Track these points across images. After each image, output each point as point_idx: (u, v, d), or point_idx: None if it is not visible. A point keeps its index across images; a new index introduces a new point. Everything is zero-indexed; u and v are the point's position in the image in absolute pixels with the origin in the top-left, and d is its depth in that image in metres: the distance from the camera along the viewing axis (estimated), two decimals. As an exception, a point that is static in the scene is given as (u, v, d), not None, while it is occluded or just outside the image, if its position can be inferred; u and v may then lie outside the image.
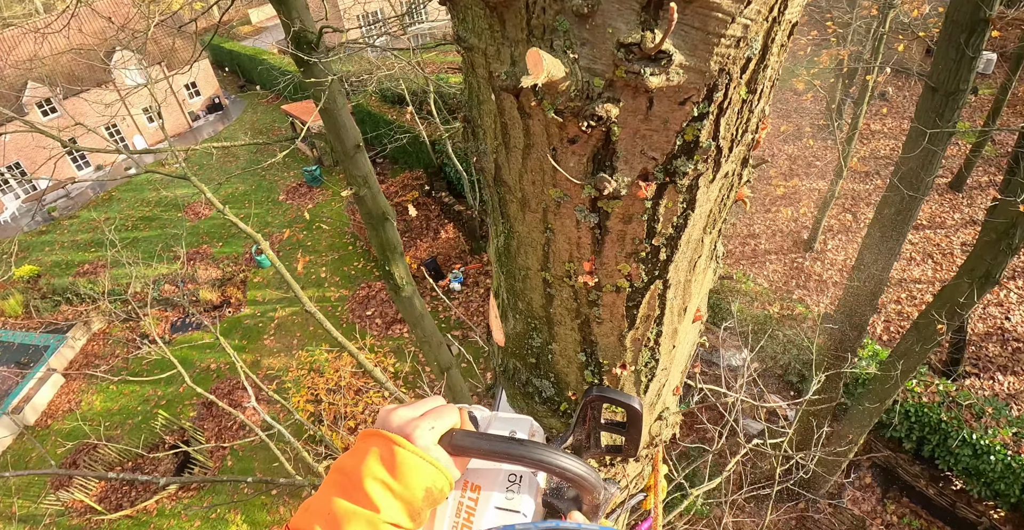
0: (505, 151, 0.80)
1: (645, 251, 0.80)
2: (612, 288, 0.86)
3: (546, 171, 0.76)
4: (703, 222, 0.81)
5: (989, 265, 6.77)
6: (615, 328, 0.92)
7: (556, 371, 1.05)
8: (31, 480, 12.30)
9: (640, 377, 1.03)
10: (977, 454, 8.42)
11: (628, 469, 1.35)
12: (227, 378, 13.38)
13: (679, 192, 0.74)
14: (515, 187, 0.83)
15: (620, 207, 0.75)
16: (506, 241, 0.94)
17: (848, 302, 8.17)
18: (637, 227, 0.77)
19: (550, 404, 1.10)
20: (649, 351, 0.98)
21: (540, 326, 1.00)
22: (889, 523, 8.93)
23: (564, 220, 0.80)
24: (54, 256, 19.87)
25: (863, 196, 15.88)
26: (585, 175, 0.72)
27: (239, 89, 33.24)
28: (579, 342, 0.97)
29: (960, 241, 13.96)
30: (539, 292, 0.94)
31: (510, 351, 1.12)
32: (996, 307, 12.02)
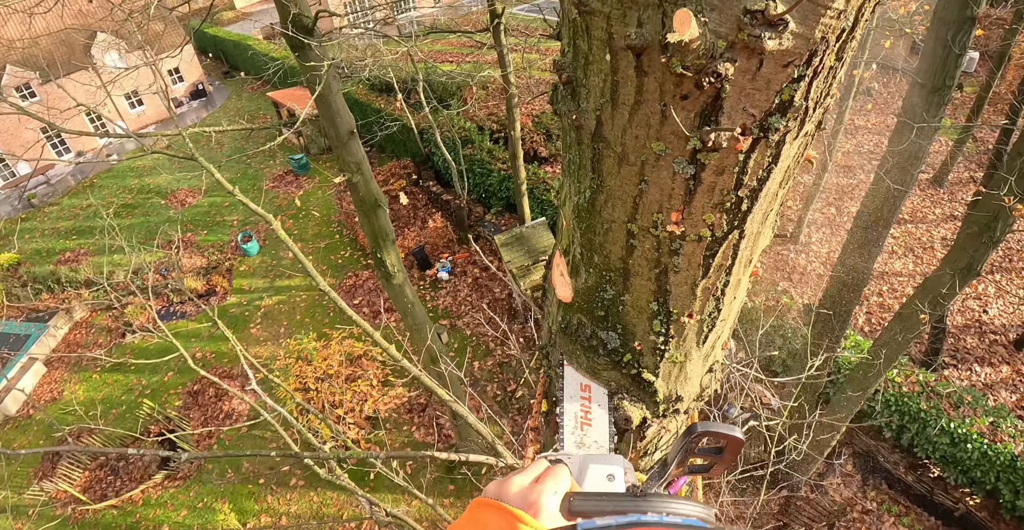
0: (611, 108, 0.87)
1: (730, 202, 0.88)
2: (695, 237, 0.94)
3: (652, 126, 0.84)
4: (781, 176, 0.89)
5: (971, 257, 6.98)
6: (690, 277, 1.01)
7: (624, 322, 1.13)
8: (15, 471, 12.14)
9: (703, 327, 1.11)
10: (955, 442, 8.70)
11: (671, 425, 1.44)
12: (214, 367, 13.30)
13: (769, 147, 0.82)
14: (615, 142, 0.90)
15: (716, 159, 0.83)
16: (592, 196, 1.01)
17: (832, 294, 8.37)
18: (728, 179, 0.85)
19: (613, 356, 1.18)
20: (715, 301, 1.07)
21: (615, 278, 1.07)
22: (869, 510, 9.20)
23: (661, 172, 0.88)
24: (35, 244, 19.50)
25: (847, 190, 16.19)
26: (692, 128, 0.80)
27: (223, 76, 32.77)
28: (653, 292, 1.05)
29: (940, 236, 14.31)
30: (620, 244, 1.02)
31: (576, 306, 1.20)
32: (975, 300, 12.37)
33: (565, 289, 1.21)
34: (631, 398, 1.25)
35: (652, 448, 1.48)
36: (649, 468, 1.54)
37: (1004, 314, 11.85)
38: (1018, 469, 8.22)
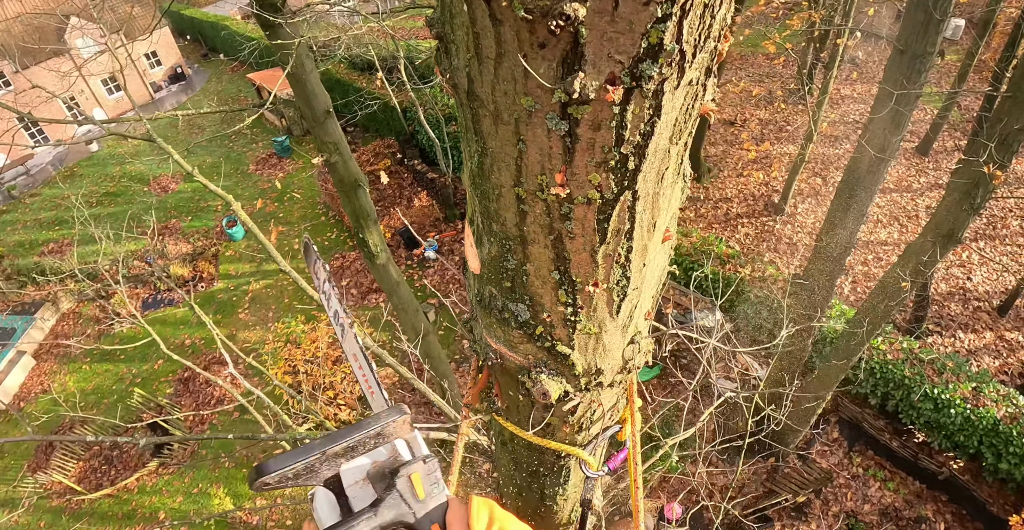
0: (478, 63, 0.81)
1: (614, 160, 0.82)
2: (583, 200, 0.88)
3: (517, 80, 0.77)
4: (669, 131, 0.83)
5: (953, 224, 6.98)
6: (587, 243, 0.95)
7: (531, 293, 1.07)
8: (7, 464, 12.17)
9: (612, 296, 1.06)
10: (938, 408, 8.80)
11: (602, 398, 1.40)
12: (203, 353, 13.28)
13: (645, 97, 0.76)
14: (488, 100, 0.84)
15: (589, 113, 0.77)
16: (480, 160, 0.95)
17: (817, 263, 8.37)
18: (606, 134, 0.79)
19: (525, 328, 1.13)
20: (620, 268, 1.01)
21: (514, 246, 1.02)
22: (855, 475, 9.34)
23: (536, 129, 0.82)
24: (16, 236, 19.28)
25: (832, 160, 16.14)
26: (555, 80, 0.74)
27: (202, 58, 32.19)
28: (552, 260, 1.00)
29: (925, 204, 14.33)
30: (513, 210, 0.96)
31: (485, 277, 1.15)
32: (958, 268, 12.43)
33: (474, 260, 1.16)
34: (549, 372, 1.20)
35: (587, 422, 1.44)
36: (587, 443, 1.50)
37: (987, 281, 11.93)
38: (1000, 433, 8.34)
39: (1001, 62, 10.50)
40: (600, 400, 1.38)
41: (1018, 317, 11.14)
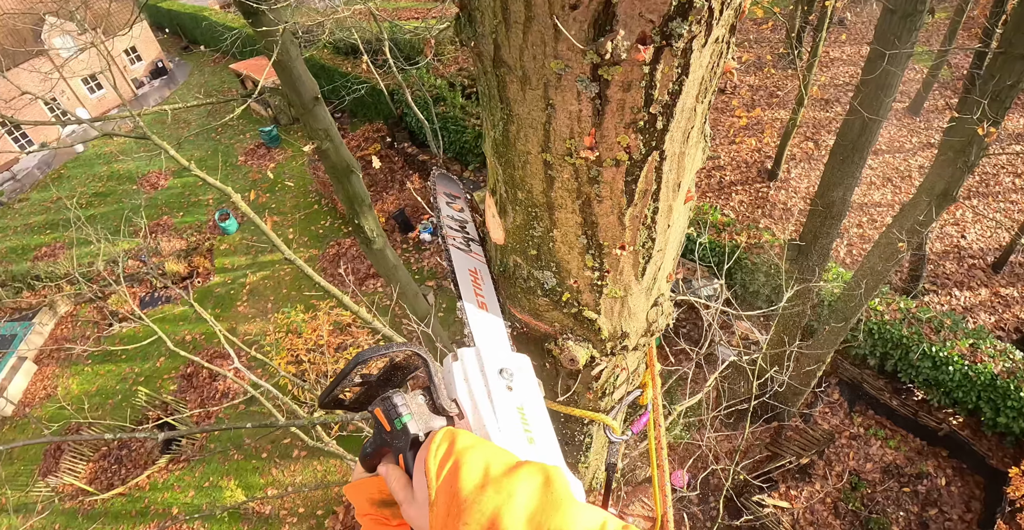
0: (505, 28, 0.81)
1: (643, 120, 0.83)
2: (612, 162, 0.89)
3: (547, 43, 0.78)
4: (696, 89, 0.83)
5: (947, 183, 7.01)
6: (615, 206, 0.96)
7: (557, 259, 1.09)
8: (18, 469, 12.22)
9: (638, 258, 1.08)
10: (936, 365, 8.93)
11: (627, 362, 1.43)
12: (204, 348, 13.29)
13: (675, 56, 0.76)
14: (515, 65, 0.84)
15: (620, 74, 0.77)
16: (504, 128, 0.96)
17: (812, 228, 8.40)
18: (636, 95, 0.80)
19: (552, 295, 1.15)
20: (647, 230, 1.02)
21: (541, 213, 1.03)
22: (856, 435, 9.50)
23: (565, 93, 0.82)
24: (8, 242, 19.11)
25: (824, 124, 16.10)
26: (587, 41, 0.74)
27: (183, 51, 31.61)
28: (580, 224, 1.01)
29: (918, 164, 14.34)
30: (539, 177, 0.97)
31: (510, 247, 1.16)
32: (953, 226, 12.50)
33: (498, 231, 1.17)
34: (576, 338, 1.22)
35: (610, 387, 1.47)
36: (610, 408, 1.53)
37: (982, 238, 12.00)
38: (998, 387, 8.47)
39: (991, 18, 10.42)
40: (624, 364, 1.41)
41: (1013, 273, 11.25)
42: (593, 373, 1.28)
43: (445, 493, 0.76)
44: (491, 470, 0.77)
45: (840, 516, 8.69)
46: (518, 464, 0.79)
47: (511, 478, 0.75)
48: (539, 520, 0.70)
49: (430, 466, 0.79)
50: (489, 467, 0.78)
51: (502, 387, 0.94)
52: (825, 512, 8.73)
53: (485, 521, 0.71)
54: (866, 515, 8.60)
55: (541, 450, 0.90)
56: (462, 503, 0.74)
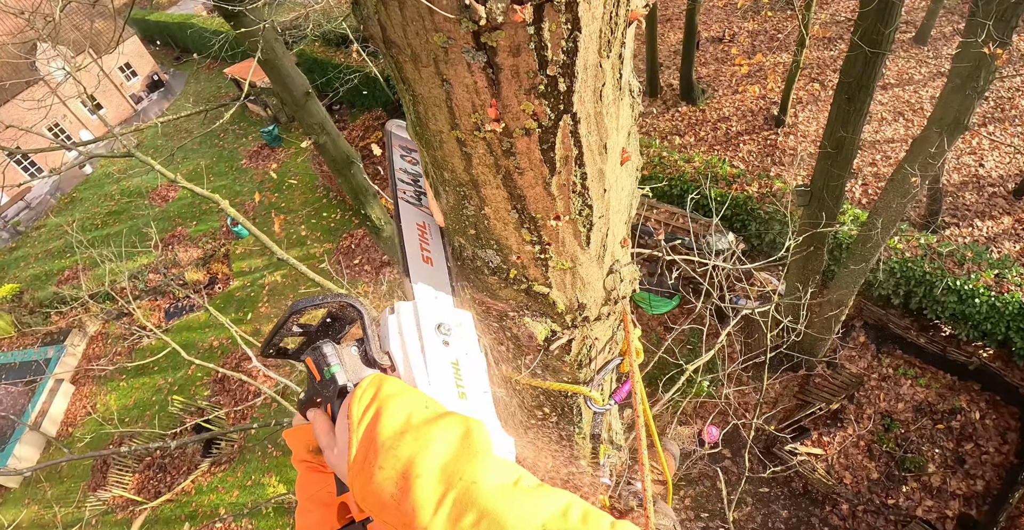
0: (384, 7, 0.78)
1: (543, 84, 0.79)
2: (522, 132, 0.85)
3: (424, 17, 0.74)
4: (596, 44, 0.79)
5: (957, 111, 6.76)
6: (538, 176, 0.93)
7: (496, 236, 1.06)
8: (68, 487, 12.67)
9: (578, 227, 1.04)
10: (962, 299, 8.74)
11: (595, 332, 1.40)
12: (231, 352, 13.54)
13: (559, 11, 0.72)
14: (403, 44, 0.81)
15: (504, 39, 0.73)
16: (415, 109, 0.92)
17: (822, 170, 8.20)
18: (528, 58, 0.76)
19: (499, 273, 1.12)
20: (579, 197, 0.99)
21: (469, 192, 1.00)
22: (885, 376, 9.40)
23: (456, 66, 0.79)
24: (31, 270, 19.54)
25: (828, 63, 15.63)
26: (459, 10, 0.70)
27: (176, 61, 31.61)
28: (507, 199, 0.98)
29: (929, 95, 13.88)
30: (457, 155, 0.94)
31: (451, 228, 1.13)
32: (969, 155, 12.13)
33: (438, 213, 1.15)
34: (532, 314, 1.20)
35: (585, 359, 1.45)
36: (591, 379, 1.51)
37: (1000, 165, 11.65)
38: (1028, 315, 8.29)
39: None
40: (594, 335, 1.38)
41: (1036, 197, 10.92)
42: (553, 348, 1.26)
43: (365, 438, 0.78)
44: (412, 418, 0.78)
45: (875, 458, 8.65)
46: (441, 415, 0.80)
47: (431, 427, 0.76)
48: (452, 469, 0.72)
49: (353, 411, 0.80)
50: (411, 415, 0.79)
51: (438, 341, 0.95)
52: (859, 456, 8.71)
53: (400, 466, 0.73)
54: (901, 455, 8.56)
55: (472, 405, 0.91)
56: (379, 448, 0.75)
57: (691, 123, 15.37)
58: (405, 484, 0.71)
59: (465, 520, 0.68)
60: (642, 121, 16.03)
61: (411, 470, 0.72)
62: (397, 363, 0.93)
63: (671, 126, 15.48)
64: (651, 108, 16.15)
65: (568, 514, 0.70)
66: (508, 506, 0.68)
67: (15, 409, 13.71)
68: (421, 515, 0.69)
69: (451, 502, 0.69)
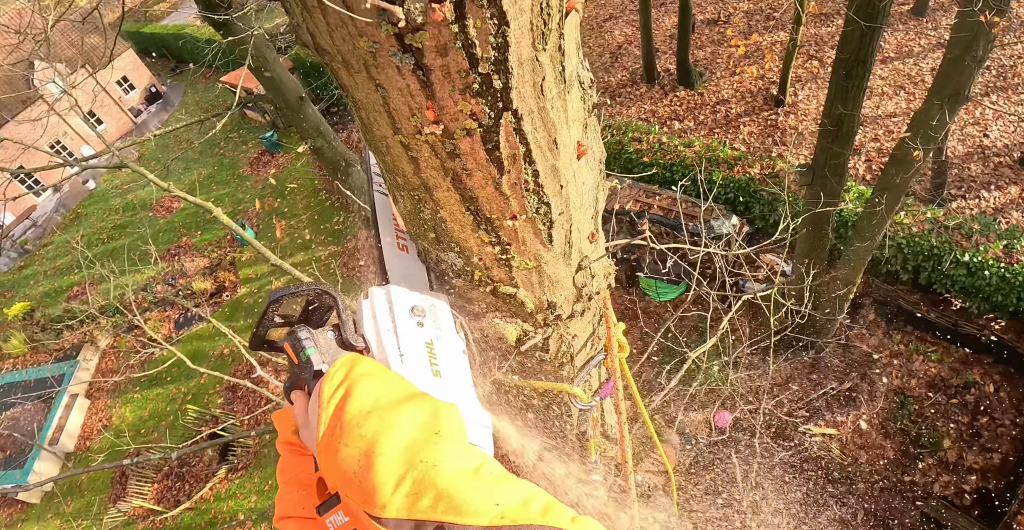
0: (308, 15, 0.76)
1: (477, 82, 0.77)
2: (463, 132, 0.83)
3: (346, 23, 0.72)
4: (528, 37, 0.77)
5: (957, 82, 6.65)
6: (487, 176, 0.91)
7: (455, 239, 1.04)
8: (88, 500, 12.82)
9: (537, 225, 1.02)
10: (971, 272, 8.63)
11: (573, 329, 1.38)
12: (242, 360, 13.61)
13: (481, 7, 0.70)
14: (334, 51, 0.79)
15: (428, 39, 0.71)
16: (358, 116, 0.91)
17: (823, 148, 8.11)
18: (457, 57, 0.74)
19: (464, 276, 1.10)
20: (534, 195, 0.97)
21: (422, 196, 0.98)
22: (897, 353, 9.31)
23: (386, 70, 0.77)
24: (40, 287, 19.72)
25: (826, 39, 15.43)
26: (377, 13, 0.68)
27: (172, 72, 31.68)
28: (460, 201, 0.96)
29: (929, 67, 13.66)
30: (405, 159, 0.92)
31: (413, 232, 1.12)
32: (973, 126, 11.94)
33: (400, 218, 1.13)
34: (502, 315, 1.18)
35: (565, 357, 1.43)
36: (572, 377, 1.50)
37: (1005, 134, 11.46)
38: (1038, 285, 8.18)
39: None
40: (572, 332, 1.36)
41: (1043, 165, 10.74)
42: (525, 348, 1.24)
43: (333, 416, 0.80)
44: (381, 399, 0.80)
45: (890, 436, 8.59)
46: (411, 396, 0.82)
47: (398, 409, 0.78)
48: (415, 451, 0.73)
49: (324, 390, 0.83)
50: (380, 396, 0.81)
51: (411, 323, 0.97)
52: (874, 434, 8.64)
53: (364, 445, 0.74)
54: (916, 432, 8.48)
55: (447, 383, 0.93)
56: (345, 426, 0.77)
57: (690, 107, 15.23)
58: (367, 462, 0.73)
59: (423, 501, 0.69)
60: (641, 107, 15.93)
61: (374, 449, 0.73)
62: (371, 344, 0.95)
63: (670, 111, 15.35)
64: (649, 94, 16.02)
65: (529, 505, 0.69)
66: (467, 491, 0.69)
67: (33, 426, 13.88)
68: (381, 492, 0.70)
69: (410, 482, 0.70)
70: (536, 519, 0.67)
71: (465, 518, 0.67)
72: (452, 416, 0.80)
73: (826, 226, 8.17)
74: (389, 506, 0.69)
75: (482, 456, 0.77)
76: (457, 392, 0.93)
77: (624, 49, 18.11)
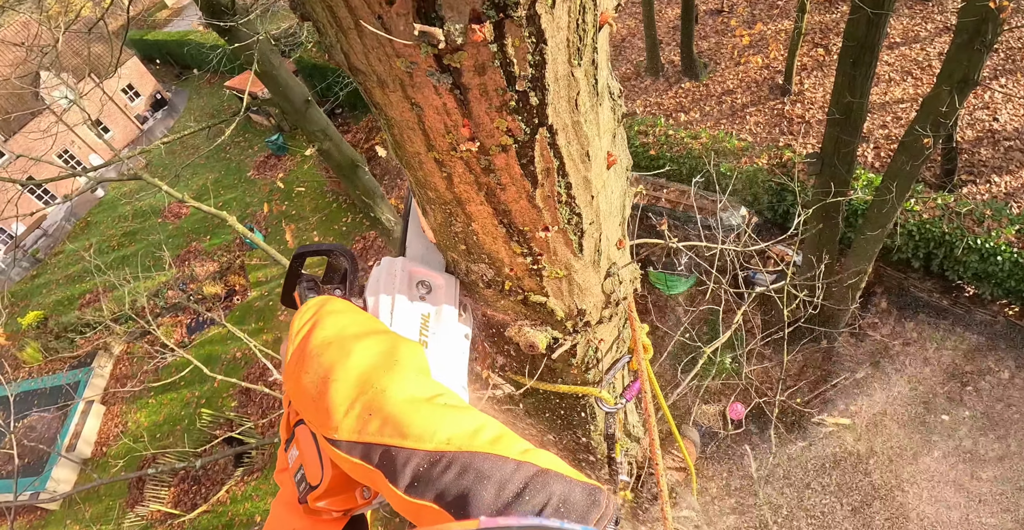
0: (344, 36, 0.76)
1: (514, 100, 0.78)
2: (498, 148, 0.84)
3: (383, 44, 0.73)
4: (564, 54, 0.77)
5: (966, 67, 6.59)
6: (520, 190, 0.91)
7: (487, 251, 1.05)
8: (107, 505, 12.97)
9: (568, 236, 1.03)
10: (984, 258, 8.57)
11: (600, 335, 1.39)
12: (255, 362, 13.70)
13: (520, 26, 0.70)
14: (368, 70, 0.79)
15: (467, 59, 0.72)
16: (391, 133, 0.91)
17: (831, 137, 8.06)
18: (495, 76, 0.74)
19: (495, 286, 1.11)
20: (566, 206, 0.97)
21: (454, 210, 0.99)
22: (910, 341, 9.26)
23: (423, 89, 0.77)
24: (53, 296, 19.89)
25: (831, 26, 15.30)
26: (418, 35, 0.69)
27: (177, 78, 31.79)
28: (493, 214, 0.96)
29: (937, 52, 13.53)
30: (438, 175, 0.93)
31: (443, 244, 1.12)
32: (983, 110, 11.82)
33: (429, 231, 1.14)
34: (532, 323, 1.19)
35: (592, 361, 1.44)
36: (598, 380, 1.50)
37: (1015, 118, 11.34)
38: (1053, 269, 8.11)
39: None
40: (598, 337, 1.37)
41: (1054, 147, 10.63)
42: (555, 356, 1.25)
43: (298, 347, 0.84)
44: (344, 331, 0.84)
45: (903, 425, 8.55)
46: (376, 331, 0.86)
47: (357, 340, 0.82)
48: (367, 378, 0.76)
49: (293, 324, 0.88)
50: (343, 328, 0.85)
51: (412, 294, 1.01)
52: (888, 423, 8.61)
53: (321, 371, 0.78)
54: (931, 419, 8.45)
55: (431, 352, 0.96)
56: (307, 355, 0.81)
57: (695, 99, 15.16)
58: (323, 387, 0.76)
59: (371, 424, 0.71)
60: (646, 100, 15.87)
61: (329, 375, 0.77)
62: (368, 306, 0.98)
63: (675, 103, 15.28)
64: (654, 86, 15.95)
65: (479, 433, 0.69)
66: (414, 416, 0.71)
67: (50, 433, 14.03)
68: (334, 415, 0.73)
69: (360, 406, 0.73)
70: (484, 447, 0.67)
71: (410, 442, 0.68)
72: (413, 351, 0.83)
73: (836, 215, 8.13)
74: (341, 428, 0.72)
75: (440, 388, 0.79)
76: (439, 364, 0.94)
77: (628, 42, 18.02)
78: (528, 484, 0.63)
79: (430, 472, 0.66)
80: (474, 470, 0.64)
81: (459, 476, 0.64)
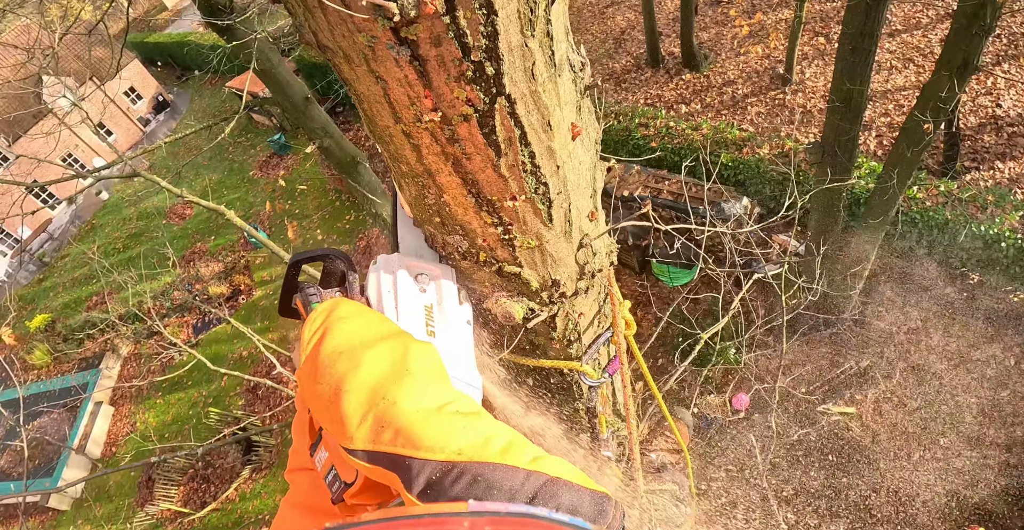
0: (310, 14, 0.81)
1: (470, 70, 0.82)
2: (460, 118, 0.88)
3: (345, 20, 0.77)
4: (516, 25, 0.81)
5: (965, 53, 6.56)
6: (485, 159, 0.95)
7: (459, 222, 1.09)
8: (117, 505, 13.10)
9: (537, 205, 1.07)
10: (988, 244, 8.53)
11: (579, 307, 1.42)
12: (261, 360, 13.79)
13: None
14: (335, 47, 0.84)
15: (422, 31, 0.76)
16: (362, 108, 0.96)
17: (832, 125, 8.04)
18: (450, 47, 0.78)
19: (470, 258, 1.15)
20: (532, 176, 1.01)
21: (426, 182, 1.03)
22: (914, 329, 9.24)
23: (385, 63, 0.81)
24: (60, 299, 20.06)
25: (832, 15, 15.23)
26: (372, 9, 0.73)
27: (178, 80, 31.94)
28: (462, 185, 1.00)
29: (938, 38, 13.44)
30: (407, 147, 0.97)
31: (420, 218, 1.17)
32: (985, 96, 11.76)
33: (407, 206, 1.18)
34: (508, 293, 1.23)
35: (573, 335, 1.48)
36: (580, 355, 1.54)
37: (1018, 104, 11.28)
38: (1057, 255, 8.07)
39: None
40: (578, 310, 1.41)
41: (1057, 133, 10.56)
42: (531, 325, 1.29)
43: (310, 356, 0.85)
44: (354, 339, 0.85)
45: (909, 413, 8.55)
46: (386, 336, 0.86)
47: (368, 349, 0.83)
48: (379, 389, 0.78)
49: (305, 332, 0.89)
50: (354, 336, 0.86)
51: (413, 288, 1.04)
52: (893, 411, 8.60)
53: (333, 382, 0.79)
54: (937, 408, 8.44)
55: (440, 343, 0.99)
56: (319, 365, 0.83)
57: (696, 90, 15.13)
58: (336, 398, 0.78)
59: (385, 434, 0.74)
60: (647, 92, 15.84)
61: (341, 386, 0.79)
62: (372, 302, 1.01)
63: (676, 95, 15.26)
64: (654, 78, 15.93)
65: (489, 443, 0.72)
66: (426, 428, 0.73)
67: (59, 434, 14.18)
68: (348, 426, 0.75)
69: (372, 418, 0.75)
70: (494, 457, 0.69)
71: (423, 453, 0.70)
72: (424, 355, 0.84)
73: (838, 203, 8.12)
74: (356, 438, 0.75)
75: (452, 394, 0.80)
76: (450, 353, 0.97)
77: (628, 34, 17.99)
78: (537, 494, 0.66)
79: (442, 482, 0.68)
80: (485, 481, 0.67)
81: (470, 486, 0.67)
